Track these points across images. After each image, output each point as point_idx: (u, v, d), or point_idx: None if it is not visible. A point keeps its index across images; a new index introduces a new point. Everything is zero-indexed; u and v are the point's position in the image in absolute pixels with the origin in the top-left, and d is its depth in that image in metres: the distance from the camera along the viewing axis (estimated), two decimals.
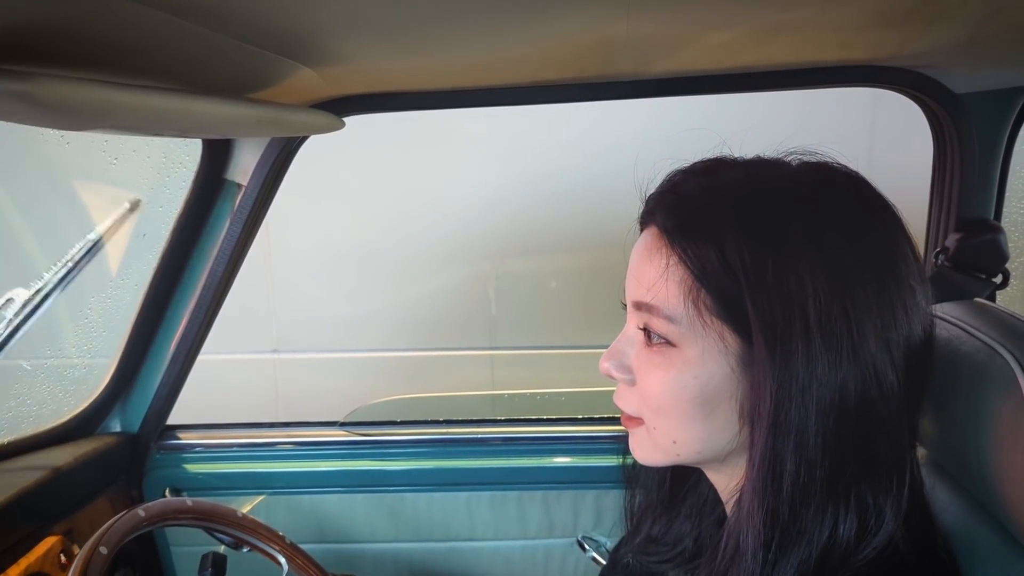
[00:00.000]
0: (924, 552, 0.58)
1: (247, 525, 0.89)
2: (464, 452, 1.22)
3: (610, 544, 1.20)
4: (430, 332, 1.82)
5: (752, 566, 0.56)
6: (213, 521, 0.85)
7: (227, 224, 1.06)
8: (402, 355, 1.85)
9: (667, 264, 0.58)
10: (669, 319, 0.58)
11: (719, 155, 0.63)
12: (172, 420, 1.24)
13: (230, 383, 1.91)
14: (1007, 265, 0.95)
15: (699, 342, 0.57)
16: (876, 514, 0.55)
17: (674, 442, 0.62)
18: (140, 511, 0.76)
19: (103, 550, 0.71)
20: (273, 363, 1.95)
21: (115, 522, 0.74)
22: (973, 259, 0.94)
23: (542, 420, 1.25)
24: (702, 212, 0.58)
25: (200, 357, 1.20)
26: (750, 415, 0.56)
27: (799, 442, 0.54)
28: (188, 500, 0.84)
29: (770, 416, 0.54)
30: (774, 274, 0.54)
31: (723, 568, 0.60)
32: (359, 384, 1.83)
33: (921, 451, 0.75)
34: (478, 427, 1.24)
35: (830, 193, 0.59)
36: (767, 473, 0.55)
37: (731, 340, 0.57)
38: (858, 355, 0.54)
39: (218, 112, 0.64)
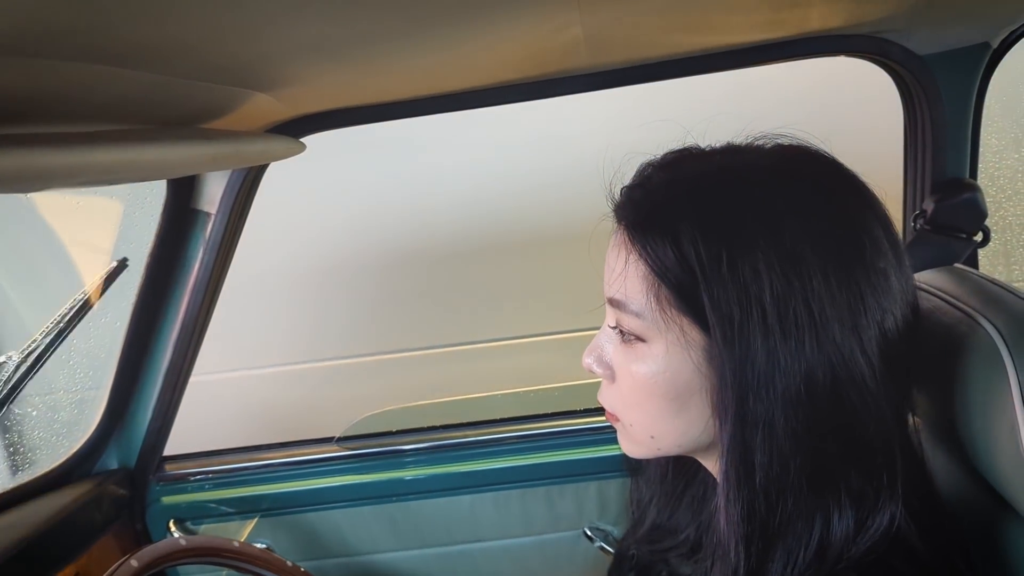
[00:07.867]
0: (929, 531, 0.57)
1: (245, 553, 0.89)
2: (463, 456, 1.21)
3: (616, 532, 1.21)
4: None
5: (735, 559, 0.56)
6: (210, 556, 0.85)
7: (200, 253, 1.04)
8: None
9: (627, 260, 0.58)
10: (636, 315, 0.58)
11: (687, 145, 0.62)
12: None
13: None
14: (986, 222, 0.94)
15: (664, 337, 0.57)
16: (872, 500, 0.54)
17: (652, 437, 0.62)
18: (133, 561, 0.76)
19: None
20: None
21: None
22: (952, 219, 0.93)
23: (538, 416, 1.24)
24: (661, 207, 0.57)
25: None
26: (717, 408, 0.56)
27: (767, 433, 0.54)
28: (182, 539, 0.83)
29: (735, 409, 0.54)
30: (729, 266, 0.53)
31: (712, 562, 0.60)
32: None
33: (916, 420, 0.75)
34: (475, 430, 1.24)
35: (791, 179, 0.57)
36: (739, 466, 0.55)
37: (693, 334, 0.56)
38: (823, 343, 0.53)
39: (173, 155, 0.63)
